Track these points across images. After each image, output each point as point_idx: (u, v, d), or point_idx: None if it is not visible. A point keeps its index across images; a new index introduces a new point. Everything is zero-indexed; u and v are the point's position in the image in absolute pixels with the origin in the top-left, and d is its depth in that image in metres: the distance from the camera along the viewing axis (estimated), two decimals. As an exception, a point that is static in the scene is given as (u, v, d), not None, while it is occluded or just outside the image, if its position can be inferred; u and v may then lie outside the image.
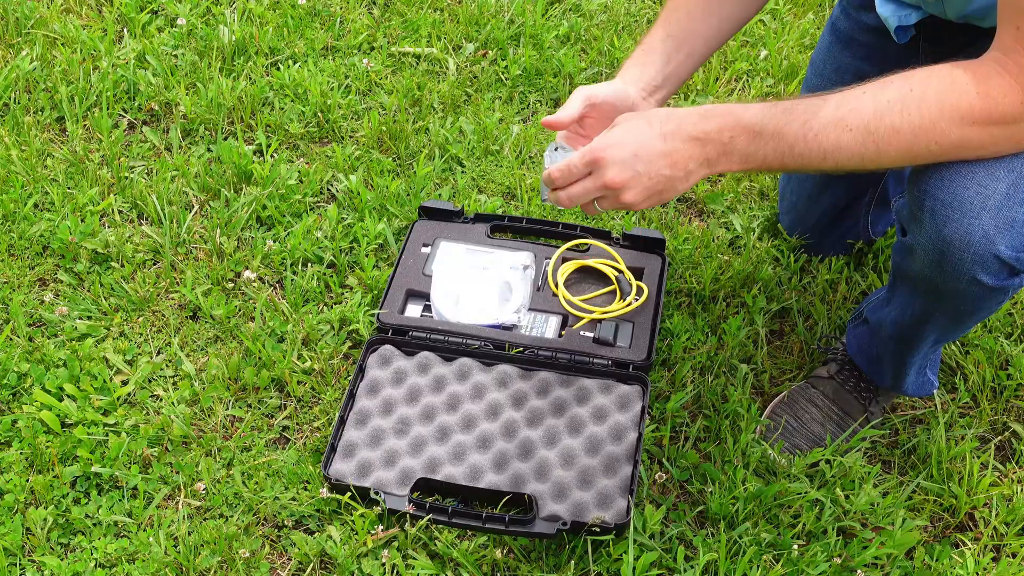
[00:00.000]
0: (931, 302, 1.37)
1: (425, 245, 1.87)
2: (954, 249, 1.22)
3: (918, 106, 1.17)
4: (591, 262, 1.85)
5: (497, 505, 1.53)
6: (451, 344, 1.72)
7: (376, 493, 1.51)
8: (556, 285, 1.81)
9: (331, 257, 1.91)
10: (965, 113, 1.16)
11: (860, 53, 1.63)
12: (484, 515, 1.50)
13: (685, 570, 1.48)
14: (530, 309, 1.78)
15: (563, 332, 1.75)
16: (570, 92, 2.25)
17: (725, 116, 1.25)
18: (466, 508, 1.54)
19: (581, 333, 1.75)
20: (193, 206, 2.00)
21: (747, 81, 2.32)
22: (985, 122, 1.16)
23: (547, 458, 1.59)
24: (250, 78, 2.25)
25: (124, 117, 2.20)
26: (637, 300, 1.78)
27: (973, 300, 1.29)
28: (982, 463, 1.65)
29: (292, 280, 1.85)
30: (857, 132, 1.19)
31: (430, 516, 1.50)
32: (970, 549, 1.55)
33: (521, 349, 1.71)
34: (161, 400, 1.69)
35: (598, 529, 1.48)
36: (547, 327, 1.76)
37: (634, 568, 1.45)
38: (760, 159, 1.24)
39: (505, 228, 1.92)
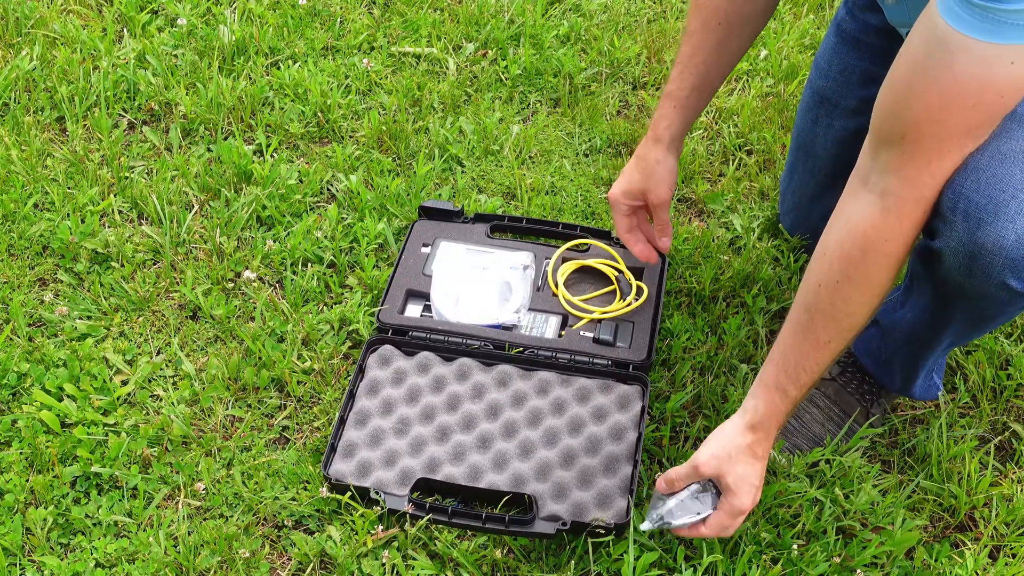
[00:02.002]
0: (954, 305, 1.36)
1: (425, 245, 1.87)
2: (986, 252, 1.20)
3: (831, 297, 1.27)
4: (591, 262, 1.85)
5: (497, 505, 1.53)
6: (451, 344, 1.72)
7: (376, 493, 1.51)
8: (556, 285, 1.81)
9: (331, 257, 1.91)
10: (885, 260, 1.23)
11: (867, 54, 1.63)
12: (484, 515, 1.50)
13: (685, 570, 1.48)
14: (530, 309, 1.79)
15: (563, 332, 1.75)
16: (570, 92, 2.26)
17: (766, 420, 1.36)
18: (466, 508, 1.54)
19: (581, 333, 1.75)
20: (193, 206, 2.00)
21: (747, 81, 2.32)
22: (892, 253, 1.24)
23: (547, 458, 1.59)
24: (250, 78, 2.25)
25: (124, 117, 2.20)
26: (637, 300, 1.78)
27: (999, 305, 1.28)
28: (982, 463, 1.65)
29: (292, 280, 1.85)
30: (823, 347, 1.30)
31: (430, 516, 1.50)
32: (970, 549, 1.55)
33: (521, 349, 1.71)
34: (161, 400, 1.69)
35: (602, 531, 1.48)
36: (547, 327, 1.76)
37: (634, 568, 1.45)
38: (789, 407, 1.35)
39: (505, 228, 1.92)
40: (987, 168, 1.18)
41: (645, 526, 1.42)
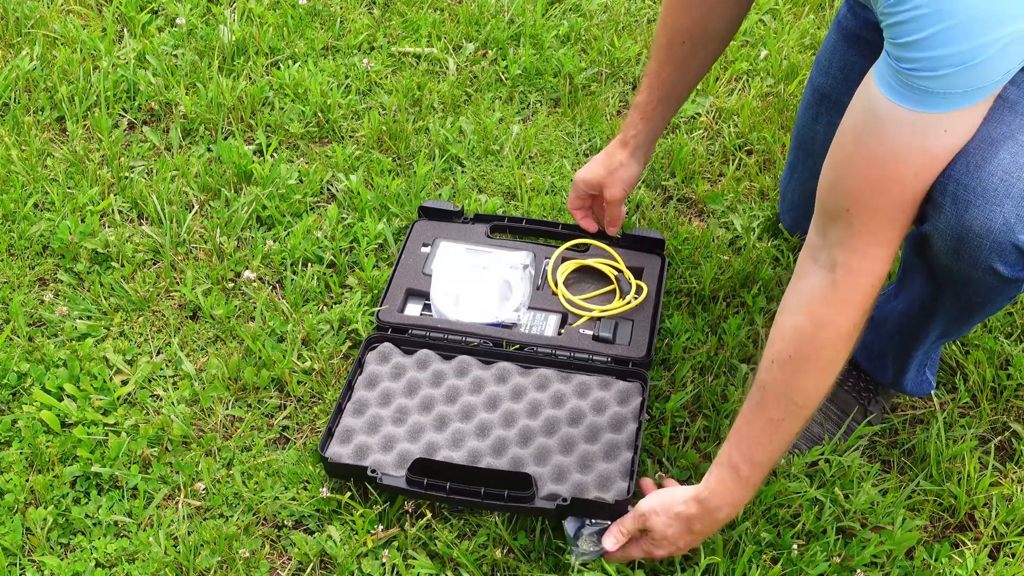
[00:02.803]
0: (942, 292, 1.36)
1: (425, 245, 1.87)
2: (973, 236, 1.21)
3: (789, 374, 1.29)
4: (591, 261, 1.85)
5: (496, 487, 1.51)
6: (451, 342, 1.72)
7: (372, 471, 1.51)
8: (556, 284, 1.81)
9: (331, 257, 1.91)
10: (838, 335, 1.26)
11: (868, 50, 1.63)
12: (483, 491, 1.48)
13: (684, 569, 1.48)
14: (530, 308, 1.79)
15: (562, 330, 1.75)
16: (570, 92, 2.26)
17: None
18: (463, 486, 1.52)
19: (580, 331, 1.75)
20: (193, 206, 2.00)
21: (747, 81, 2.32)
22: (843, 327, 1.26)
23: (547, 444, 1.59)
24: (250, 78, 2.25)
25: (124, 117, 2.20)
26: (636, 299, 1.78)
27: (986, 291, 1.28)
28: (982, 463, 1.65)
29: (292, 280, 1.85)
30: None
31: (428, 493, 1.49)
32: (970, 549, 1.55)
33: (520, 346, 1.71)
34: (161, 400, 1.69)
35: (592, 511, 1.48)
36: (547, 325, 1.76)
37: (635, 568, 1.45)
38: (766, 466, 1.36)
39: (505, 228, 1.92)
40: (976, 152, 1.19)
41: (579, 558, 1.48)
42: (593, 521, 1.48)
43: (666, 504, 1.40)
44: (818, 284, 1.24)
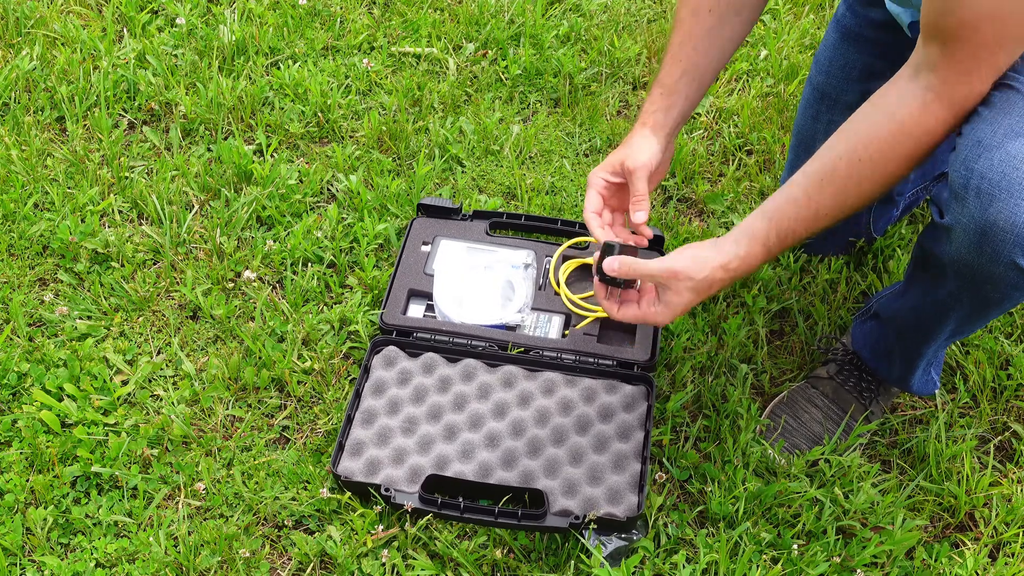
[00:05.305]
0: (960, 288, 1.35)
1: (425, 243, 1.87)
2: (997, 230, 1.19)
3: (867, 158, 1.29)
4: (592, 260, 1.84)
5: (507, 502, 1.52)
6: (456, 346, 1.72)
7: (387, 490, 1.51)
8: (558, 284, 1.81)
9: (331, 257, 1.91)
10: (910, 152, 1.27)
11: (868, 49, 1.63)
12: (497, 510, 1.49)
13: (684, 566, 1.48)
14: (533, 308, 1.78)
15: (567, 331, 1.75)
16: (570, 92, 2.26)
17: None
18: (476, 504, 1.54)
19: (584, 333, 1.75)
20: (193, 206, 2.00)
21: (747, 81, 2.32)
22: (919, 146, 1.28)
23: (556, 455, 1.59)
24: (250, 78, 2.25)
25: (124, 117, 2.20)
26: (637, 300, 1.78)
27: (1006, 287, 1.27)
28: (981, 463, 1.65)
29: (292, 280, 1.85)
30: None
31: (442, 512, 1.50)
32: (970, 549, 1.55)
33: (525, 350, 1.71)
34: (161, 400, 1.69)
35: (593, 525, 1.48)
36: (550, 327, 1.76)
37: (635, 570, 1.45)
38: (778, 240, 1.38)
39: (504, 225, 1.92)
40: (1000, 146, 1.18)
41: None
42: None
43: (697, 267, 1.38)
44: (909, 100, 1.25)
